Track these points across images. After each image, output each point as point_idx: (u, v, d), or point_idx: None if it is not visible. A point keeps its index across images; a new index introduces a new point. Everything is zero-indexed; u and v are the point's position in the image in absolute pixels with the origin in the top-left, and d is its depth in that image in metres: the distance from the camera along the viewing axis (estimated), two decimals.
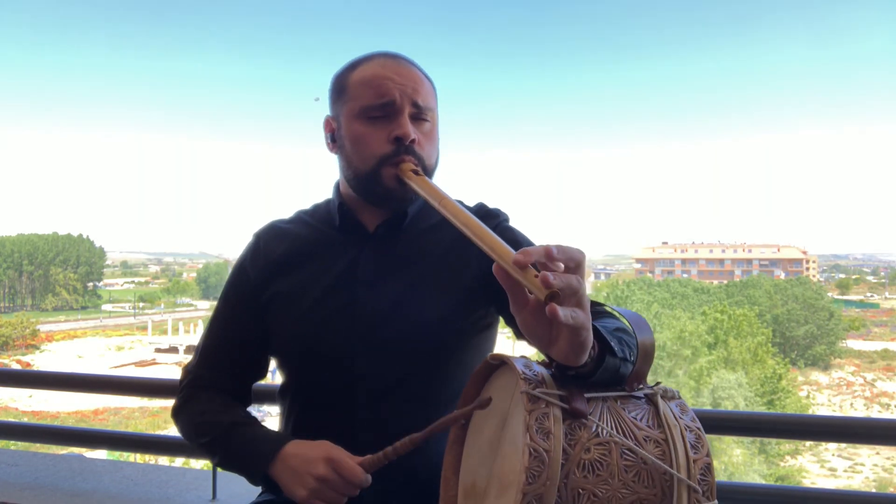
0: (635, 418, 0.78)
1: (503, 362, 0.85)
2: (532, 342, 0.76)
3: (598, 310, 0.94)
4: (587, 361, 0.75)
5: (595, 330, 0.77)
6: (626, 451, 0.75)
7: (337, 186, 1.20)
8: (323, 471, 0.95)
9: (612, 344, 0.78)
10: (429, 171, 1.10)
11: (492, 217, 1.17)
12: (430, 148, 1.11)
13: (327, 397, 1.10)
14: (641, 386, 0.82)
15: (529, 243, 1.15)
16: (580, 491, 0.72)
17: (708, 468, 0.77)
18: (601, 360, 0.78)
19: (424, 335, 1.08)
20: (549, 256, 0.68)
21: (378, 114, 1.07)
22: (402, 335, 1.08)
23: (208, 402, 1.15)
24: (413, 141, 1.07)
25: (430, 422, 1.06)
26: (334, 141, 1.16)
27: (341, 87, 1.13)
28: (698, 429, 0.80)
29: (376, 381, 1.07)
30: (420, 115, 1.10)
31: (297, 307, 1.12)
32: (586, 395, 0.77)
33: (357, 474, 0.95)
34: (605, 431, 0.75)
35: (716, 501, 0.76)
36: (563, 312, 0.66)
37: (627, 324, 0.85)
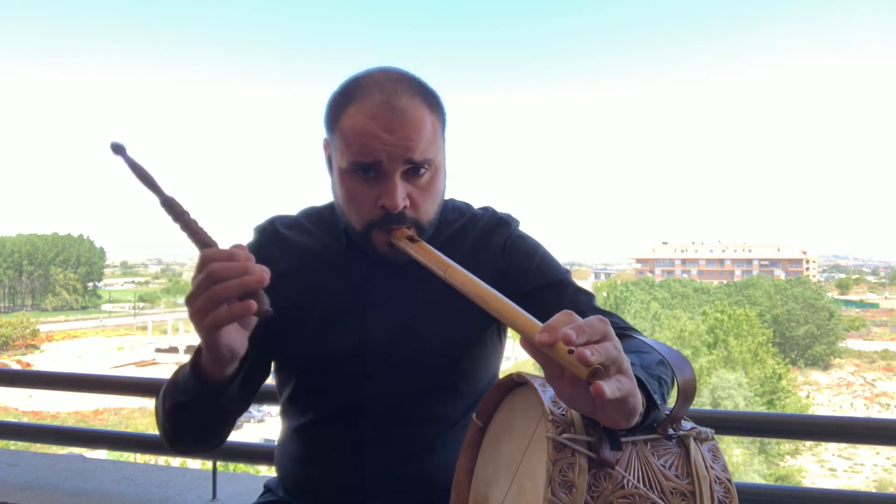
0: (664, 465, 0.75)
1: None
2: (574, 409, 0.72)
3: (628, 337, 0.86)
4: None
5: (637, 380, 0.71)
6: None
7: None
8: (195, 278, 0.79)
9: (656, 398, 0.74)
10: (425, 229, 1.02)
11: (504, 225, 1.13)
12: (427, 203, 1.02)
13: (336, 414, 1.07)
14: (677, 428, 0.79)
15: (544, 252, 1.11)
16: None
17: None
18: (645, 415, 0.73)
19: (436, 355, 1.05)
20: (569, 342, 0.62)
21: (367, 173, 0.98)
22: (413, 355, 1.05)
23: None
24: (405, 206, 0.98)
25: (439, 438, 1.04)
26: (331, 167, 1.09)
27: (332, 125, 1.02)
28: (728, 480, 0.77)
29: (387, 402, 1.05)
30: (416, 169, 0.99)
31: (306, 326, 1.07)
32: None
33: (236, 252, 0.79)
34: (630, 483, 0.72)
35: None
36: (609, 388, 0.61)
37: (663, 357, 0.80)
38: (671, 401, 0.80)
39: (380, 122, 0.96)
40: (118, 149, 0.80)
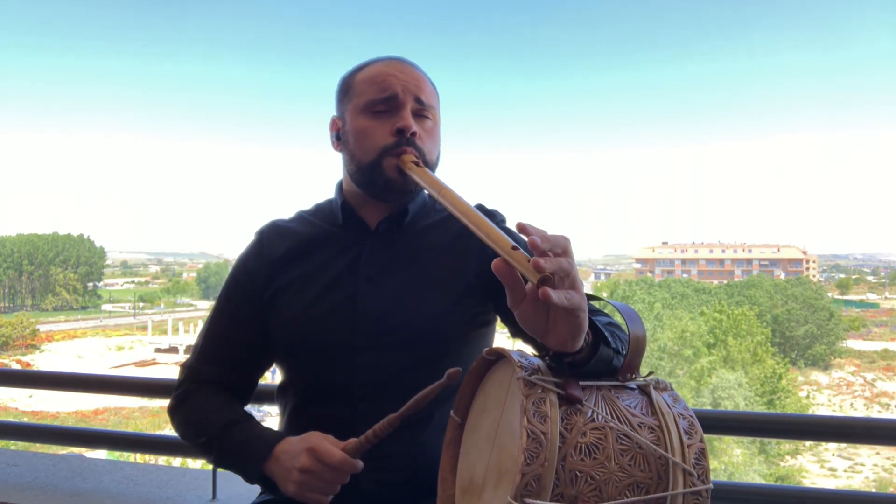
0: (629, 406, 0.79)
1: (500, 357, 0.85)
2: (530, 333, 0.77)
3: (589, 304, 0.95)
4: (582, 348, 0.77)
5: (589, 321, 0.78)
6: (622, 436, 0.76)
7: (339, 185, 1.23)
8: (305, 461, 0.96)
9: (605, 333, 0.80)
10: (430, 166, 1.13)
11: (489, 216, 1.18)
12: (430, 144, 1.14)
13: (327, 391, 1.11)
14: (634, 376, 0.83)
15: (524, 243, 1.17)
16: (577, 473, 0.73)
17: (702, 453, 0.78)
18: (596, 349, 0.79)
19: (424, 329, 1.10)
20: (534, 247, 0.70)
21: (381, 108, 1.11)
22: (402, 329, 1.09)
23: (205, 400, 1.15)
24: (414, 133, 1.10)
25: (428, 414, 1.07)
26: (339, 139, 1.19)
27: (347, 87, 1.17)
28: (691, 416, 0.81)
29: (376, 374, 1.09)
30: (422, 111, 1.13)
31: (299, 302, 1.14)
32: (581, 384, 0.78)
33: (337, 458, 0.95)
34: (600, 417, 0.76)
35: (710, 485, 0.77)
36: (557, 295, 0.68)
37: (620, 318, 0.86)
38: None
39: (393, 67, 1.14)
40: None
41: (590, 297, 0.93)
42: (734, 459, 20.87)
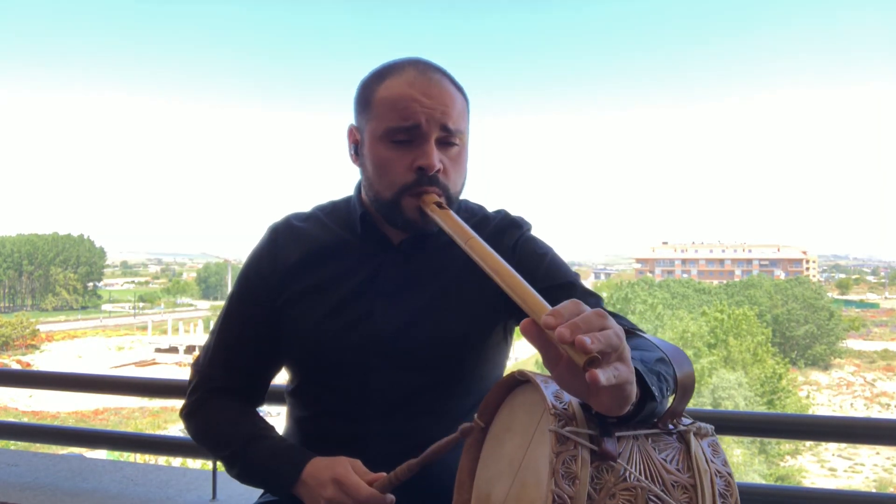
0: (665, 459, 0.76)
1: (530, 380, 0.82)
2: (570, 394, 0.72)
3: (631, 333, 0.87)
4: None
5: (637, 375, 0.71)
6: (653, 498, 0.72)
7: (358, 191, 1.16)
8: (332, 493, 0.94)
9: (654, 389, 0.74)
10: (453, 199, 1.06)
11: (515, 227, 1.15)
12: (456, 175, 1.06)
13: (340, 407, 1.08)
14: (677, 423, 0.79)
15: (553, 255, 1.13)
16: None
17: None
18: (641, 406, 0.73)
19: (442, 350, 1.06)
20: (563, 340, 0.62)
21: (403, 137, 1.02)
22: (418, 349, 1.06)
23: (221, 410, 1.12)
24: (438, 170, 1.02)
25: (442, 434, 1.05)
26: (357, 153, 1.11)
27: (366, 101, 1.07)
28: (729, 474, 0.78)
29: (391, 393, 1.06)
30: (448, 138, 1.04)
31: (315, 314, 1.09)
32: (617, 434, 0.74)
33: (364, 494, 0.93)
34: (632, 476, 0.73)
35: None
36: (605, 375, 0.61)
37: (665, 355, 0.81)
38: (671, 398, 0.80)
39: (418, 88, 1.02)
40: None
41: (628, 325, 0.87)
42: (734, 459, 20.86)
